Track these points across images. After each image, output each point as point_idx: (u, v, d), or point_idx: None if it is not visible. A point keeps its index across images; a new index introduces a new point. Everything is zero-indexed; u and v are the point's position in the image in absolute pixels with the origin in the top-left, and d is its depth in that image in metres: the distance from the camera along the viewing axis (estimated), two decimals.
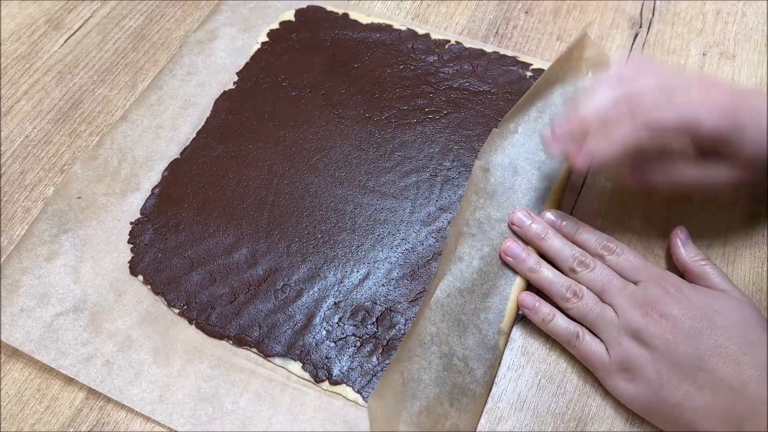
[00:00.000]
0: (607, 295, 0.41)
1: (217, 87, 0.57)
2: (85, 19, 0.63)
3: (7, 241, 0.49)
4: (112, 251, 0.48)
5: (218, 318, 0.45)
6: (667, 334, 0.38)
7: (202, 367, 0.43)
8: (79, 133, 0.55)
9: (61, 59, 0.60)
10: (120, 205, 0.50)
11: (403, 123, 0.54)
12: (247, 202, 0.50)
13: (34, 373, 0.44)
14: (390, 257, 0.47)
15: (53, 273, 0.47)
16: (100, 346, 0.44)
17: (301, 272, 0.47)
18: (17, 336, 0.44)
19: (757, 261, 0.47)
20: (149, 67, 0.59)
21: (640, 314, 0.39)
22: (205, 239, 0.48)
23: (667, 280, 0.40)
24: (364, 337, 0.44)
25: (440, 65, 0.57)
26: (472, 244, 0.44)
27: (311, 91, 0.56)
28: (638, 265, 0.42)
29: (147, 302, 0.46)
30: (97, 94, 0.58)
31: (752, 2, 0.61)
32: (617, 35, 0.60)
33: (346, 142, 0.53)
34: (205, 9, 0.63)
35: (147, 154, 0.53)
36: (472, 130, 0.53)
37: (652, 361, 0.38)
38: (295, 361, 0.43)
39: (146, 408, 0.42)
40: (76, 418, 0.42)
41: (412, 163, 0.51)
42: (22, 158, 0.54)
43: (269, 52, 0.59)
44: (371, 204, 0.49)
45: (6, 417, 0.42)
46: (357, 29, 0.60)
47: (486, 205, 0.45)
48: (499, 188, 0.46)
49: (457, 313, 0.42)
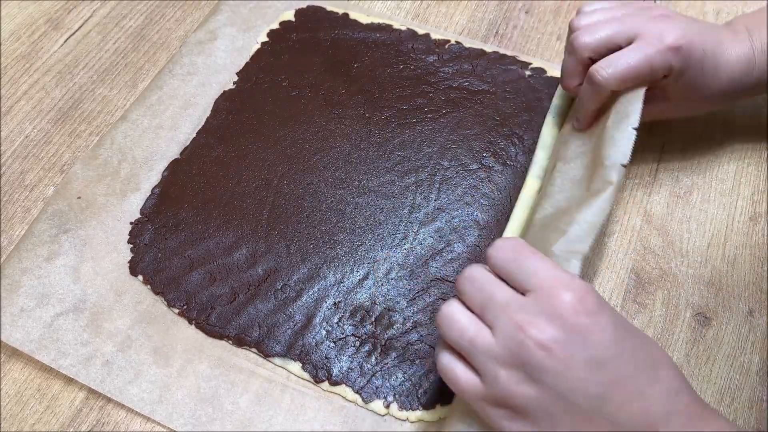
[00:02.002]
0: (488, 313, 0.32)
1: (217, 87, 0.57)
2: (85, 19, 0.63)
3: (7, 241, 0.50)
4: (112, 251, 0.48)
5: (218, 318, 0.45)
6: (561, 365, 0.30)
7: (202, 367, 0.43)
8: (79, 133, 0.55)
9: (61, 59, 0.60)
10: (120, 205, 0.50)
11: (403, 123, 0.54)
12: (247, 202, 0.50)
13: (34, 373, 0.44)
14: (389, 257, 0.47)
15: (53, 273, 0.47)
16: (100, 346, 0.44)
17: (300, 272, 0.47)
18: (17, 336, 0.44)
19: (757, 261, 0.47)
20: (149, 67, 0.59)
21: (527, 337, 0.30)
22: (205, 239, 0.48)
23: (569, 287, 0.31)
24: (363, 336, 0.44)
25: (440, 65, 0.57)
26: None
27: (311, 91, 0.56)
28: (530, 266, 0.32)
29: (147, 302, 0.46)
30: (97, 94, 0.58)
31: (752, 2, 0.61)
32: None
33: (345, 141, 0.53)
34: (205, 9, 0.63)
35: (147, 154, 0.53)
36: (471, 129, 0.53)
37: (542, 400, 0.30)
38: (294, 362, 0.43)
39: (146, 408, 0.42)
40: (76, 418, 0.42)
41: (411, 163, 0.51)
42: (22, 158, 0.54)
43: (269, 52, 0.59)
44: (371, 204, 0.50)
45: (6, 417, 0.42)
46: (357, 29, 0.60)
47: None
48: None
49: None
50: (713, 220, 0.48)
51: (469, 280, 0.34)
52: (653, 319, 0.45)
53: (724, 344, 0.44)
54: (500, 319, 0.31)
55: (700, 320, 0.44)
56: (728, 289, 0.46)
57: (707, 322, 0.44)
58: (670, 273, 0.46)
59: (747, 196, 0.49)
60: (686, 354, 0.43)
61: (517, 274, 0.32)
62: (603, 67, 0.42)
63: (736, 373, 0.42)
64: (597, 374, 0.30)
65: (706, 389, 0.42)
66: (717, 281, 0.46)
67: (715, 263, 0.47)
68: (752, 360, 0.43)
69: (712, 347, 0.43)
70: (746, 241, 0.48)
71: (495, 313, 0.32)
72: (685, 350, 0.43)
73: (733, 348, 0.43)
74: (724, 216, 0.49)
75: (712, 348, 0.43)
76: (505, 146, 0.52)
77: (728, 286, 0.46)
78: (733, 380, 0.42)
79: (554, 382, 0.30)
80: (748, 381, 0.42)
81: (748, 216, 0.49)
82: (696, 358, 0.43)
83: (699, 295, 0.45)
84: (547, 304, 0.31)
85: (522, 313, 0.31)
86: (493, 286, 0.33)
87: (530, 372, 0.30)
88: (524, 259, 0.33)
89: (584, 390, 0.30)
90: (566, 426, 0.30)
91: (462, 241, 0.47)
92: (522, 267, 0.32)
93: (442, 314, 0.34)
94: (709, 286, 0.46)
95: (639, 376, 0.30)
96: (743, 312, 0.45)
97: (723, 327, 0.44)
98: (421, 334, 0.44)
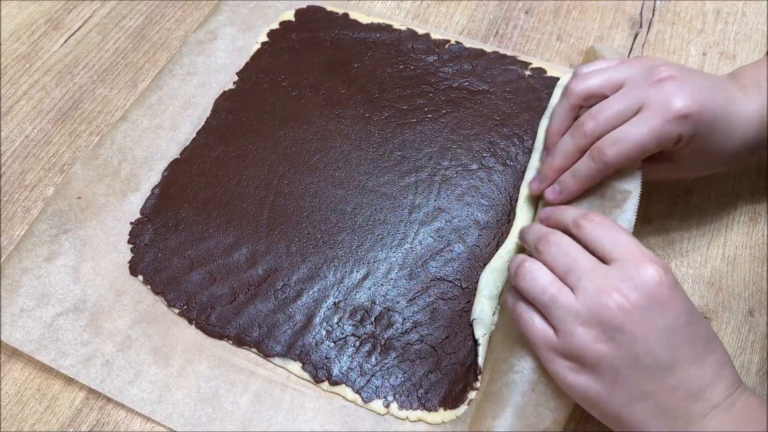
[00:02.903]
0: (572, 276, 0.35)
1: (217, 87, 0.57)
2: (85, 19, 0.63)
3: (7, 241, 0.50)
4: (112, 251, 0.48)
5: (218, 318, 0.45)
6: (638, 328, 0.33)
7: (202, 367, 0.43)
8: (79, 133, 0.55)
9: (61, 59, 0.60)
10: (120, 205, 0.50)
11: (403, 123, 0.54)
12: (247, 202, 0.50)
13: (34, 373, 0.44)
14: (389, 257, 0.47)
15: (53, 273, 0.47)
16: (100, 346, 0.44)
17: (300, 272, 0.47)
18: (17, 336, 0.44)
19: (757, 261, 0.47)
20: (149, 67, 0.59)
21: (611, 300, 0.33)
22: (205, 239, 0.48)
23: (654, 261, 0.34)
24: (363, 336, 0.44)
25: (440, 65, 0.57)
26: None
27: (311, 91, 0.56)
28: (618, 240, 0.35)
29: (147, 302, 0.46)
30: (97, 94, 0.58)
31: (752, 2, 0.61)
32: (617, 35, 0.59)
33: (345, 141, 0.53)
34: (205, 9, 0.63)
35: (147, 154, 0.53)
36: (470, 130, 0.53)
37: (613, 358, 0.33)
38: (294, 362, 0.43)
39: (146, 408, 0.42)
40: (76, 418, 0.42)
41: (412, 163, 0.51)
42: (22, 158, 0.54)
43: (269, 52, 0.59)
44: (371, 204, 0.50)
45: (6, 417, 0.42)
46: (357, 29, 0.60)
47: None
48: None
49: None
50: (713, 220, 0.48)
51: (554, 244, 0.37)
52: None
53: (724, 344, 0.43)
54: (584, 281, 0.34)
55: None
56: (728, 289, 0.46)
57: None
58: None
59: (747, 196, 0.49)
60: None
61: (605, 243, 0.35)
62: (607, 145, 0.40)
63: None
64: (669, 340, 0.33)
65: None
66: (717, 281, 0.46)
67: (715, 263, 0.47)
68: (752, 360, 0.43)
69: None
70: (746, 241, 0.48)
71: (579, 276, 0.35)
72: None
73: (733, 348, 0.43)
74: (724, 216, 0.49)
75: None
76: (505, 146, 0.52)
77: (728, 286, 0.46)
78: None
79: (630, 343, 0.33)
80: (748, 381, 0.42)
81: (748, 216, 0.49)
82: None
83: (699, 295, 0.45)
84: (633, 273, 0.34)
85: (607, 279, 0.34)
86: (578, 252, 0.36)
87: (608, 331, 0.33)
88: (614, 231, 0.36)
89: (655, 353, 0.33)
90: (628, 383, 0.33)
91: (462, 241, 0.47)
92: (610, 237, 0.35)
93: (526, 269, 0.36)
94: (709, 286, 0.46)
95: (699, 346, 0.34)
96: (743, 312, 0.45)
97: (723, 327, 0.44)
98: (420, 334, 0.44)
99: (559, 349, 0.35)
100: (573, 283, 0.35)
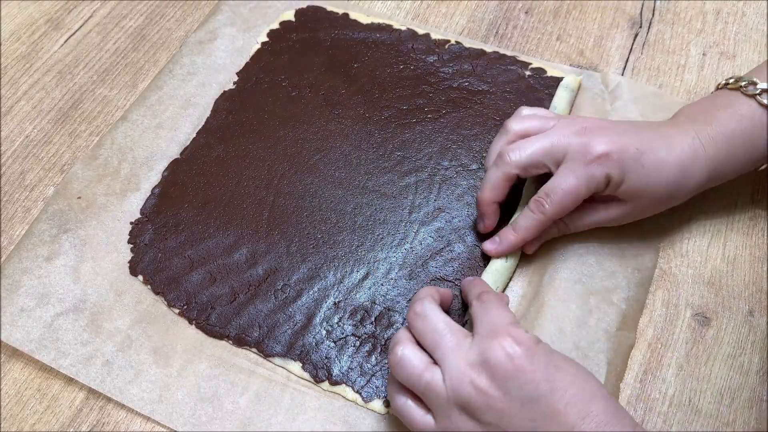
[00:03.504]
0: (437, 352, 0.36)
1: (217, 87, 0.57)
2: (85, 19, 0.63)
3: (7, 241, 0.50)
4: (112, 251, 0.48)
5: (218, 318, 0.45)
6: (499, 405, 0.33)
7: (202, 367, 0.43)
8: (79, 133, 0.55)
9: (61, 59, 0.60)
10: (120, 205, 0.50)
11: (403, 123, 0.54)
12: (247, 202, 0.50)
13: (34, 373, 0.44)
14: (389, 257, 0.47)
15: (53, 273, 0.47)
16: (100, 346, 0.44)
17: (301, 272, 0.47)
18: (17, 336, 0.44)
19: (757, 261, 0.47)
20: (149, 67, 0.59)
21: (469, 382, 0.34)
22: (205, 239, 0.48)
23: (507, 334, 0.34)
24: (363, 336, 0.44)
25: (440, 65, 0.57)
26: None
27: (311, 91, 0.56)
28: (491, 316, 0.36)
29: (147, 302, 0.46)
30: (97, 94, 0.58)
31: (752, 2, 0.61)
32: (617, 35, 0.60)
33: (345, 142, 0.53)
34: (205, 9, 0.63)
35: (147, 154, 0.53)
36: (470, 130, 0.53)
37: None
38: (295, 361, 0.43)
39: (146, 408, 0.42)
40: (76, 418, 0.42)
41: (412, 163, 0.51)
42: (22, 158, 0.54)
43: (269, 52, 0.59)
44: (371, 204, 0.50)
45: (6, 417, 0.42)
46: (357, 29, 0.60)
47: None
48: None
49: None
50: (713, 220, 0.48)
51: (420, 318, 0.37)
52: (653, 319, 0.45)
53: (724, 344, 0.44)
54: (447, 361, 0.35)
55: (700, 320, 0.44)
56: (728, 289, 0.46)
57: (707, 322, 0.44)
58: (670, 273, 0.46)
59: (747, 196, 0.49)
60: (686, 354, 0.43)
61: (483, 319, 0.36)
62: (543, 198, 0.42)
63: (736, 373, 0.42)
64: (530, 411, 0.33)
65: (706, 389, 0.42)
66: (717, 281, 0.46)
67: (715, 263, 0.47)
68: (752, 360, 0.43)
69: (712, 347, 0.43)
70: (746, 241, 0.48)
71: (443, 353, 0.35)
72: (685, 350, 0.43)
73: (733, 348, 0.43)
74: (724, 216, 0.49)
75: (712, 348, 0.43)
76: None
77: (728, 286, 0.46)
78: (733, 380, 0.42)
79: (494, 420, 0.34)
80: (748, 381, 0.42)
81: (748, 216, 0.49)
82: (696, 358, 0.43)
83: (699, 295, 0.46)
84: (487, 350, 0.34)
85: (465, 360, 0.34)
86: (444, 329, 0.36)
87: (473, 413, 0.34)
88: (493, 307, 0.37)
89: (520, 425, 0.33)
90: None
91: (462, 241, 0.47)
92: (487, 313, 0.36)
93: (396, 359, 0.36)
94: (709, 286, 0.46)
95: (569, 411, 0.33)
96: (743, 312, 0.45)
97: (723, 327, 0.44)
98: None
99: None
100: (438, 360, 0.36)
